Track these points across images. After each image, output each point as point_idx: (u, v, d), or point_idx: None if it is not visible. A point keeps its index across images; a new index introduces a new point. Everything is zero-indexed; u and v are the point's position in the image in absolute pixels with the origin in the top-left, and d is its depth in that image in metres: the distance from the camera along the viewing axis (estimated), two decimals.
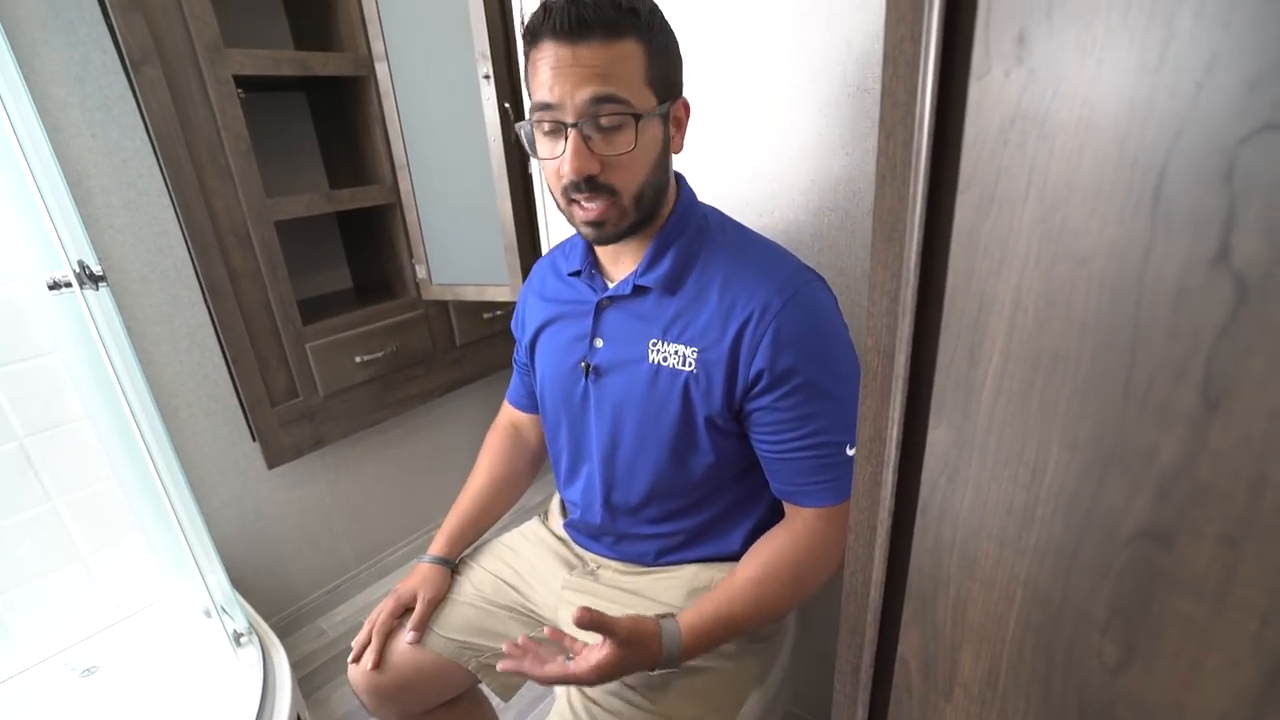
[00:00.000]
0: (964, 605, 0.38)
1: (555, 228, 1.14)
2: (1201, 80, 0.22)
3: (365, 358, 1.50)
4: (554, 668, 0.63)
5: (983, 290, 0.32)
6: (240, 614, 1.19)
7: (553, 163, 0.62)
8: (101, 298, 0.93)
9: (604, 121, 0.58)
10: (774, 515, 0.76)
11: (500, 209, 1.31)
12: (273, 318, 1.33)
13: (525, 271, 1.35)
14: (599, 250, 0.74)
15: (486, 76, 1.22)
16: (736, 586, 0.68)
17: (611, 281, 0.73)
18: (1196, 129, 0.22)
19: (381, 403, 1.58)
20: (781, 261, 0.67)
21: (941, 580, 0.39)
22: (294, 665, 1.20)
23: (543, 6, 0.57)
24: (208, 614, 1.22)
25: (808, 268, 0.68)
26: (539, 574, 0.86)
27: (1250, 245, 0.22)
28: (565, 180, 0.61)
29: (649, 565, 0.80)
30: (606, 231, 0.65)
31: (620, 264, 0.72)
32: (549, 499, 0.98)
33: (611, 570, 0.82)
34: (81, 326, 0.94)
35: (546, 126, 0.61)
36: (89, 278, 0.89)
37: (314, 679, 1.44)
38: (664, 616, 0.66)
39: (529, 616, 0.86)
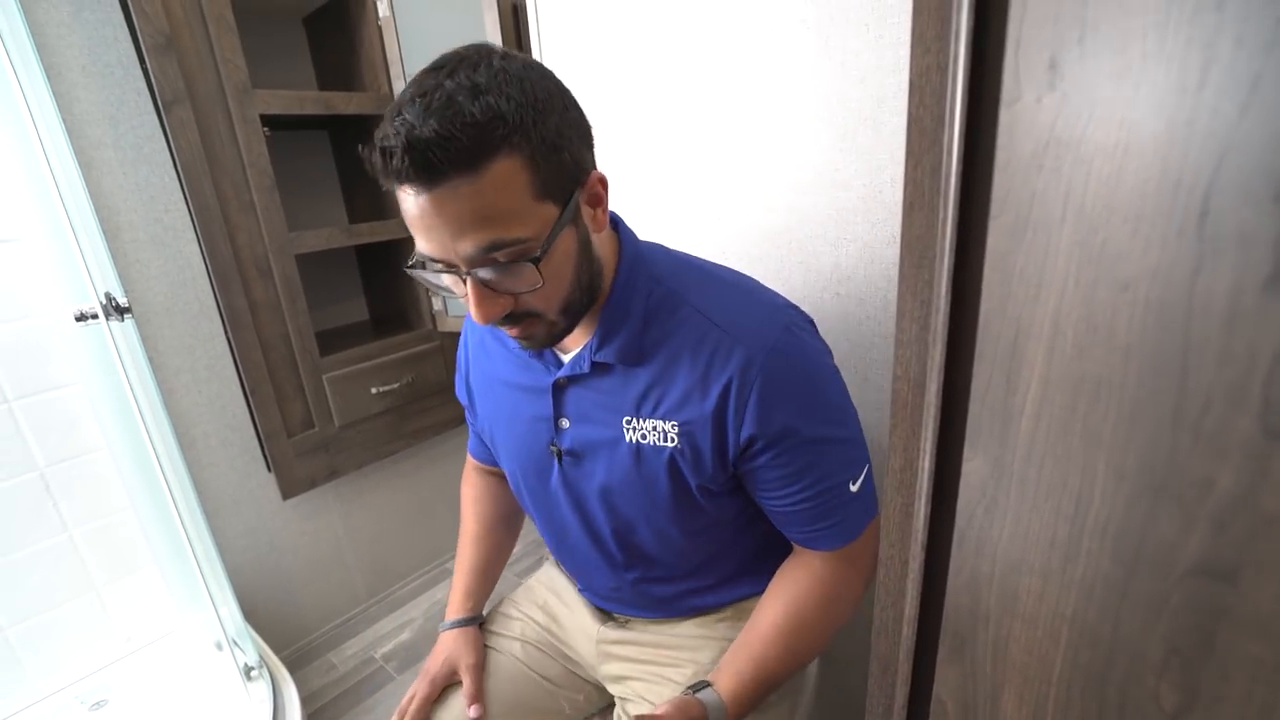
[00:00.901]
0: (1005, 643, 0.36)
1: None
2: (1246, 101, 0.22)
3: (381, 388, 1.50)
4: None
5: (1019, 316, 0.31)
6: (251, 647, 1.17)
7: (461, 300, 0.53)
8: (126, 329, 0.95)
9: (501, 260, 0.49)
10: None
11: None
12: (291, 349, 1.35)
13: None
14: None
15: None
16: (768, 639, 0.65)
17: (565, 353, 0.64)
18: (1242, 150, 0.22)
19: (396, 434, 1.58)
20: (751, 306, 0.61)
21: (980, 616, 0.38)
22: (304, 700, 1.18)
23: (379, 147, 0.45)
24: (219, 647, 1.21)
25: (778, 304, 0.62)
26: (571, 630, 0.83)
27: None
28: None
29: (674, 616, 0.77)
30: (539, 344, 0.59)
31: (571, 336, 0.62)
32: None
33: (642, 621, 0.79)
34: (105, 357, 0.95)
35: (440, 268, 0.51)
36: (115, 309, 0.91)
37: (323, 715, 1.41)
38: (701, 688, 0.63)
39: (573, 677, 0.82)
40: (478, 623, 0.83)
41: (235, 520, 1.40)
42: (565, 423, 0.66)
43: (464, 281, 0.50)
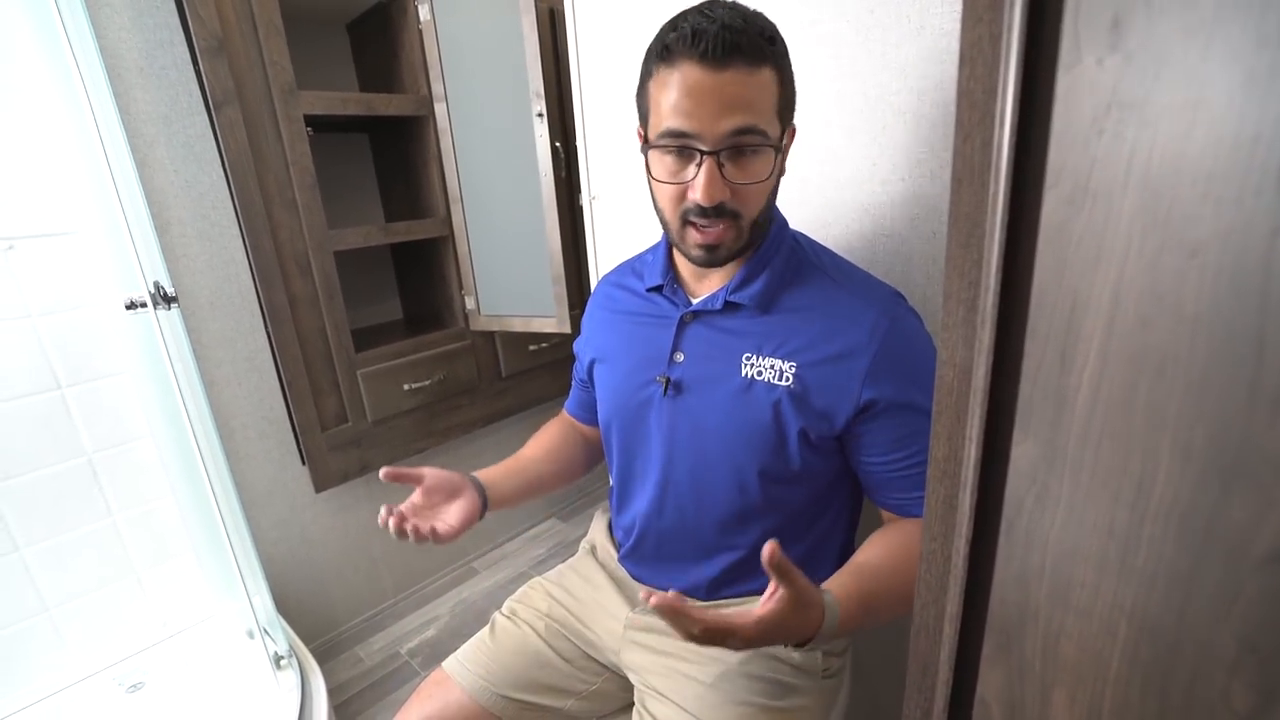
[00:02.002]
0: (1056, 639, 0.35)
1: (603, 259, 1.16)
2: None
3: (413, 385, 1.52)
4: (712, 614, 0.53)
5: (1076, 289, 0.30)
6: (282, 637, 1.19)
7: (674, 187, 0.61)
8: (172, 318, 0.98)
9: (740, 150, 0.58)
10: (848, 547, 0.76)
11: (549, 241, 1.34)
12: (327, 344, 1.38)
13: (572, 303, 1.37)
14: (683, 266, 0.73)
15: (540, 115, 1.26)
16: (877, 571, 0.62)
17: (695, 296, 0.72)
18: None
19: (426, 431, 1.60)
20: (876, 285, 0.67)
21: (1029, 611, 0.36)
22: (330, 692, 1.19)
23: (691, 31, 0.55)
24: (250, 635, 1.23)
25: (897, 290, 0.68)
26: (596, 614, 0.83)
27: None
28: (690, 205, 0.60)
29: (708, 598, 0.76)
30: (719, 255, 0.64)
31: (706, 280, 0.71)
32: (591, 531, 0.95)
33: None
34: (153, 347, 0.98)
35: (674, 151, 0.60)
36: (163, 298, 0.94)
37: (349, 707, 1.42)
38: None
39: (590, 661, 0.83)
40: (478, 488, 0.77)
41: (269, 511, 1.43)
42: (680, 356, 0.71)
43: (698, 164, 0.58)
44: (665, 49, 0.57)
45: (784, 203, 0.89)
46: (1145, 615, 0.30)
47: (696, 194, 0.59)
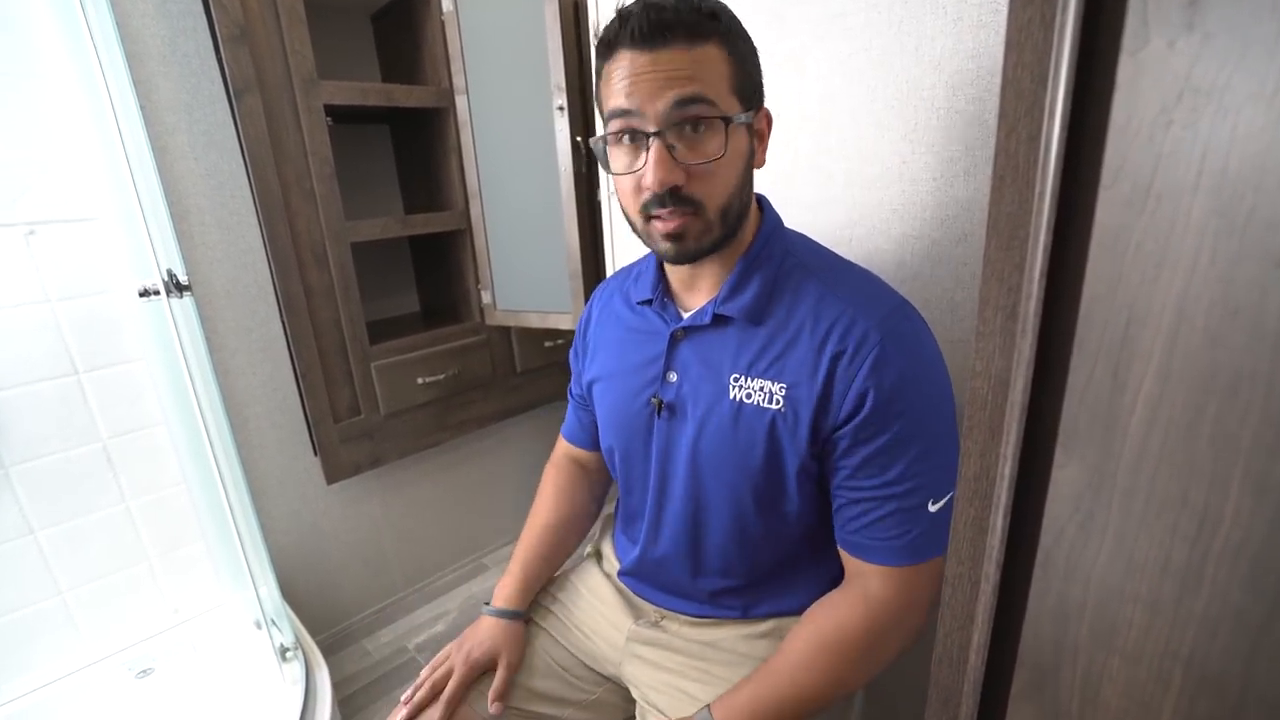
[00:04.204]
0: (1097, 681, 0.32)
1: (621, 256, 1.13)
2: None
3: (427, 379, 1.51)
4: None
5: (1133, 300, 0.27)
6: (288, 628, 1.19)
7: (630, 178, 0.58)
8: (185, 306, 0.97)
9: (690, 127, 0.54)
10: None
11: (567, 236, 1.32)
12: (342, 335, 1.37)
13: (589, 300, 1.35)
14: (672, 277, 0.69)
15: (560, 108, 1.24)
16: (781, 670, 0.62)
17: (686, 310, 0.68)
18: None
19: (439, 425, 1.60)
20: (880, 294, 0.61)
21: (1067, 648, 0.33)
22: (336, 685, 1.19)
23: (618, 16, 0.54)
24: (258, 625, 1.23)
25: (900, 298, 0.62)
26: (598, 625, 0.81)
27: None
28: (646, 194, 0.57)
29: (714, 617, 0.73)
30: (687, 246, 0.59)
31: (696, 292, 0.67)
32: (598, 538, 0.93)
33: (677, 622, 0.76)
34: (166, 334, 0.98)
35: (624, 138, 0.57)
36: (176, 286, 0.94)
37: (354, 701, 1.42)
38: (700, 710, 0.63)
39: (589, 671, 0.81)
40: (523, 619, 0.81)
41: (280, 502, 1.43)
42: (673, 376, 0.67)
43: (646, 148, 0.55)
44: (603, 44, 0.56)
45: (808, 201, 0.86)
46: (1205, 666, 0.27)
47: (647, 178, 0.55)
